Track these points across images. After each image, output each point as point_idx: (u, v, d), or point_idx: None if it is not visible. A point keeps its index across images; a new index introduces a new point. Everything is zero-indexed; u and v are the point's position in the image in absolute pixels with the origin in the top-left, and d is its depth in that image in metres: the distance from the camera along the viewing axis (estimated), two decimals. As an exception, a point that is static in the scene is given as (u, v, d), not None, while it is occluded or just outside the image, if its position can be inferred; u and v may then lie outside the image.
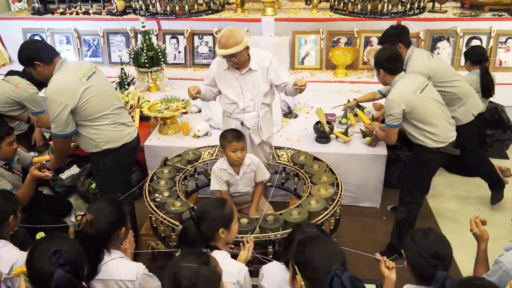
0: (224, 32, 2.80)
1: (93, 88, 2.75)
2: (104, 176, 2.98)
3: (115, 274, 1.97)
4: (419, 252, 1.81)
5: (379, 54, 3.03)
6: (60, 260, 1.57)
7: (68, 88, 2.67)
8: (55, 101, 2.64)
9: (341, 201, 2.85)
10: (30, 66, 2.74)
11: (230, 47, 2.75)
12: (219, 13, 5.82)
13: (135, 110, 4.32)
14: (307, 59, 5.52)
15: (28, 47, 2.76)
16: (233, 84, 2.99)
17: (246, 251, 2.23)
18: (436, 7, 5.56)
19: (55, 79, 2.70)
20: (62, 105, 2.64)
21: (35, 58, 2.69)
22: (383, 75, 3.01)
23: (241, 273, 1.98)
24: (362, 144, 3.69)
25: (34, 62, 2.70)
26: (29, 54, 2.71)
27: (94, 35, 5.90)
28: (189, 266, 1.54)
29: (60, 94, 2.65)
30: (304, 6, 5.99)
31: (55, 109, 2.65)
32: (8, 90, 3.62)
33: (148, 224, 3.10)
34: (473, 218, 2.14)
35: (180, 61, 5.79)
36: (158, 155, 3.76)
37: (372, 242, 3.39)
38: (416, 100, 2.87)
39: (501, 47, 5.19)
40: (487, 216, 2.27)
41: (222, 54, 2.78)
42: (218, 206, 2.10)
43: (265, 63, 2.95)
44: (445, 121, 2.99)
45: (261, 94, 3.00)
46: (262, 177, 3.10)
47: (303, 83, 2.89)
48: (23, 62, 2.76)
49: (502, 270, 1.88)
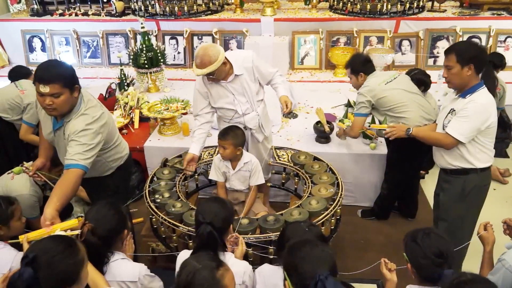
0: (199, 51, 2.72)
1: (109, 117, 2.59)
2: (113, 194, 2.75)
3: (117, 275, 1.97)
4: (424, 252, 1.80)
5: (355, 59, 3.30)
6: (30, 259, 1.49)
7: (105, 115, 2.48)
8: (100, 133, 2.40)
9: (341, 201, 2.85)
10: (68, 88, 2.27)
11: (205, 67, 2.70)
12: (218, 14, 5.82)
13: (134, 111, 4.32)
14: (307, 59, 5.52)
15: (68, 66, 2.37)
16: (225, 94, 2.96)
17: (240, 245, 2.24)
18: (435, 6, 5.57)
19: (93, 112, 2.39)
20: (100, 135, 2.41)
21: (77, 81, 2.33)
22: (362, 78, 3.24)
23: (246, 273, 2.00)
24: (363, 144, 3.69)
25: (75, 85, 2.31)
26: (73, 73, 2.32)
27: (93, 36, 5.90)
28: (194, 263, 1.57)
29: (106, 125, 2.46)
30: (303, 6, 6.00)
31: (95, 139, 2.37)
32: (13, 95, 3.53)
33: (148, 225, 3.10)
34: (483, 223, 2.15)
35: (179, 62, 5.79)
36: (158, 156, 3.76)
37: (372, 242, 3.39)
38: (381, 91, 3.10)
39: (500, 46, 5.20)
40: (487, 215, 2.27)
41: (199, 74, 2.75)
42: (223, 205, 2.14)
43: (248, 63, 2.92)
44: (417, 109, 3.10)
45: (254, 94, 3.00)
46: (256, 181, 3.04)
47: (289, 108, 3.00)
48: (66, 80, 2.27)
49: (505, 268, 1.88)
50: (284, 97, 3.03)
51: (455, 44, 2.62)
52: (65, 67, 2.35)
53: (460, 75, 2.47)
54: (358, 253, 3.27)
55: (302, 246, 1.62)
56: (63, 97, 2.26)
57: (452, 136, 2.52)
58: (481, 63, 2.49)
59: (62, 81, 2.24)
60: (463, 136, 2.50)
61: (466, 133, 2.50)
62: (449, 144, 2.57)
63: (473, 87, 2.49)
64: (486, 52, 2.62)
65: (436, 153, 2.77)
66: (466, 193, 2.65)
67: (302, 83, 5.12)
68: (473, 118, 2.47)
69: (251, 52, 3.01)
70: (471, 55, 2.44)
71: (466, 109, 2.48)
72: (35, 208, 2.89)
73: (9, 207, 2.41)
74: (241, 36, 5.53)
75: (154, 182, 3.08)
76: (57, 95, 2.24)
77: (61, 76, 2.25)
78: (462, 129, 2.50)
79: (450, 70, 2.50)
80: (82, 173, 2.29)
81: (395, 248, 3.11)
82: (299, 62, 5.54)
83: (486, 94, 2.52)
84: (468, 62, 2.43)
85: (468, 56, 2.44)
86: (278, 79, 3.11)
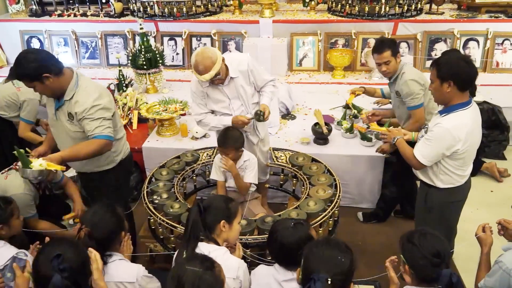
0: (197, 58, 2.71)
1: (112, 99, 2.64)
2: (114, 191, 2.80)
3: (115, 276, 1.96)
4: (422, 253, 1.80)
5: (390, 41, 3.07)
6: (61, 265, 1.56)
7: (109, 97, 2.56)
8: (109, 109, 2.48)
9: (339, 202, 2.86)
10: (37, 81, 2.37)
11: (211, 69, 2.69)
12: (217, 15, 5.82)
13: (133, 112, 4.32)
14: (305, 61, 5.53)
15: (32, 59, 2.36)
16: (220, 98, 2.96)
17: (238, 249, 2.23)
18: (433, 8, 5.59)
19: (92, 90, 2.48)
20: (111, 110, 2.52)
21: (44, 70, 2.35)
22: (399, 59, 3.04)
23: (240, 268, 1.99)
24: (360, 146, 3.70)
25: (43, 74, 2.35)
26: (36, 66, 2.34)
27: (92, 37, 5.90)
28: (193, 270, 1.55)
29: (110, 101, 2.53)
30: (301, 7, 6.00)
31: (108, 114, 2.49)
32: (10, 93, 3.61)
33: (146, 226, 3.10)
34: (482, 224, 2.15)
35: (178, 63, 5.79)
36: (156, 157, 3.77)
37: (370, 243, 3.40)
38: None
39: (498, 49, 5.22)
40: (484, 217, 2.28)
41: (207, 78, 2.72)
42: (225, 200, 2.15)
43: (243, 66, 2.91)
44: None
45: (249, 97, 3.00)
46: (247, 178, 3.01)
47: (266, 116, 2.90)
48: (30, 76, 2.37)
49: (503, 269, 1.89)
50: (263, 105, 2.95)
51: (440, 57, 2.41)
52: (27, 63, 2.35)
53: (440, 90, 2.33)
54: (356, 254, 3.26)
55: (320, 244, 1.67)
56: (38, 87, 2.42)
57: (416, 158, 2.46)
58: (464, 81, 2.30)
59: (27, 78, 2.39)
60: (425, 159, 2.43)
61: (429, 157, 2.41)
62: (415, 164, 2.51)
63: (455, 105, 2.34)
64: (472, 68, 2.31)
65: None
66: (429, 207, 2.61)
67: (300, 84, 5.13)
68: (435, 142, 2.37)
69: (247, 56, 3.00)
70: (452, 71, 2.27)
71: (432, 132, 2.38)
72: (31, 207, 2.88)
73: (8, 206, 2.42)
74: (239, 37, 5.54)
75: (153, 183, 3.09)
76: (32, 86, 2.42)
77: (23, 74, 2.39)
78: (425, 152, 2.42)
79: (431, 85, 2.40)
80: (105, 142, 2.44)
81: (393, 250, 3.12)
82: (297, 63, 5.55)
83: (460, 118, 2.34)
84: (447, 78, 2.28)
85: (448, 72, 2.28)
86: (268, 88, 3.05)
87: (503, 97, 4.48)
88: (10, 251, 2.21)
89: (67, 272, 1.57)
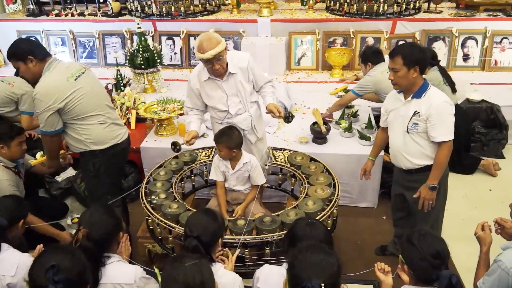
0: (202, 37, 2.73)
1: (81, 88, 2.73)
2: (94, 177, 2.94)
3: (113, 278, 1.96)
4: (422, 254, 1.79)
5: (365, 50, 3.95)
6: (55, 277, 1.53)
7: (55, 89, 2.66)
8: (41, 101, 2.65)
9: (338, 202, 2.85)
10: (21, 61, 2.68)
11: (216, 46, 2.68)
12: (215, 14, 5.81)
13: (131, 111, 4.31)
14: (304, 60, 5.52)
15: (23, 42, 2.80)
16: (218, 94, 2.96)
17: (230, 263, 2.19)
18: (431, 7, 5.59)
19: (43, 79, 2.69)
20: (47, 105, 2.64)
21: (29, 53, 2.66)
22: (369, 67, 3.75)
23: (235, 284, 1.97)
24: (359, 145, 3.70)
25: (28, 56, 2.66)
26: (24, 48, 2.68)
27: (90, 36, 5.88)
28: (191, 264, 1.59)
29: (47, 95, 2.64)
30: (300, 7, 6.00)
31: (41, 108, 2.66)
32: (4, 89, 3.64)
33: (144, 226, 3.09)
34: (481, 223, 2.14)
35: (176, 62, 5.78)
36: (154, 156, 3.76)
37: (369, 242, 3.39)
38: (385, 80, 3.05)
39: (496, 47, 5.21)
40: (483, 216, 2.27)
41: (211, 54, 2.66)
42: (214, 218, 2.11)
43: (243, 64, 2.92)
44: None
45: (248, 94, 2.99)
46: (257, 181, 3.05)
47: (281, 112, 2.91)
48: (16, 55, 2.70)
49: (502, 268, 1.89)
50: (271, 104, 2.95)
51: (399, 47, 2.67)
52: (17, 44, 2.76)
53: (407, 77, 2.52)
54: (354, 253, 3.27)
55: (304, 250, 1.61)
56: (22, 68, 2.73)
57: (447, 141, 2.54)
58: (425, 64, 2.61)
59: (14, 57, 2.71)
60: (451, 134, 2.55)
61: (452, 130, 2.56)
62: (450, 147, 2.57)
63: (422, 86, 2.56)
64: (428, 53, 2.99)
65: (396, 155, 2.74)
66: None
67: (298, 83, 5.12)
68: (447, 117, 2.54)
69: (247, 55, 3.01)
70: (416, 58, 2.51)
71: (437, 110, 2.50)
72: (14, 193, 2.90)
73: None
74: (237, 36, 5.53)
75: (151, 183, 3.08)
76: (16, 66, 2.75)
77: (12, 52, 2.72)
78: (449, 128, 2.54)
79: (396, 73, 2.54)
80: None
81: (392, 249, 3.12)
82: (295, 63, 5.54)
83: (438, 91, 2.60)
84: (414, 64, 2.50)
85: (413, 58, 2.50)
86: (268, 89, 3.06)
87: (501, 96, 4.48)
88: (15, 255, 2.20)
89: (62, 284, 1.53)
